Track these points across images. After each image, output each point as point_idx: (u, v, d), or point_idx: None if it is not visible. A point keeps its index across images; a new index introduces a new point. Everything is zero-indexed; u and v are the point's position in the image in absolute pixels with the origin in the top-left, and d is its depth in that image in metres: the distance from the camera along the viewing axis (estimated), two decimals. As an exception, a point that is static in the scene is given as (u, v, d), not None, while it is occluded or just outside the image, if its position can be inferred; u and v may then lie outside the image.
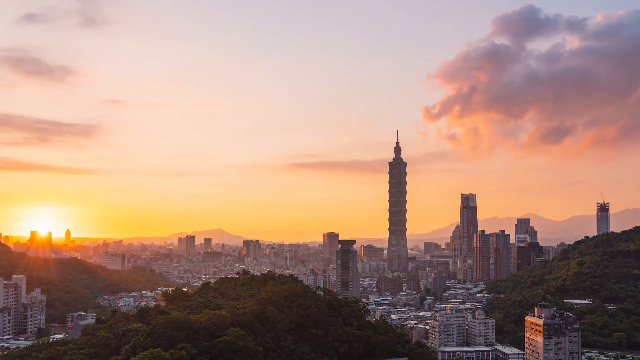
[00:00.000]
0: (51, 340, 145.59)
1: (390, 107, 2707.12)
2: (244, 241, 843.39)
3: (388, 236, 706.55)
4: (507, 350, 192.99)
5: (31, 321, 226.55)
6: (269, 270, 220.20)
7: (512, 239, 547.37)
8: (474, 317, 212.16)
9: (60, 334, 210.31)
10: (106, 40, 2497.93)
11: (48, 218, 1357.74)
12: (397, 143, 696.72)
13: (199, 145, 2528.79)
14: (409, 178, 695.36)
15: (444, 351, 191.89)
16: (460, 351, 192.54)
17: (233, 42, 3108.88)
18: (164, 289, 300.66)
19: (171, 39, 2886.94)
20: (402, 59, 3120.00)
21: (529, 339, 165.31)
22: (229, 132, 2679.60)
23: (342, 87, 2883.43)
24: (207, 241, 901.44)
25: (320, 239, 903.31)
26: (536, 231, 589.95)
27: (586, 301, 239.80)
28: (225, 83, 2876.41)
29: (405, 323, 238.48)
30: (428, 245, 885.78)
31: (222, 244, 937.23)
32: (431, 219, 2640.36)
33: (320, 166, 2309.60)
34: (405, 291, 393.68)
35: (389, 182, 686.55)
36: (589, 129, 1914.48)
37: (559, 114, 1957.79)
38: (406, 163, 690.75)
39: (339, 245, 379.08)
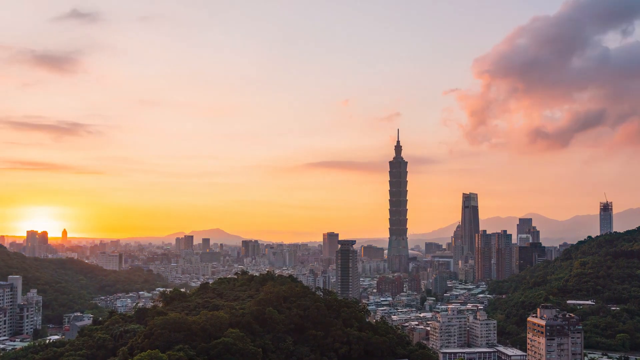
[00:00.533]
0: (47, 341, 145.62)
1: (404, 106, 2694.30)
2: (243, 241, 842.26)
3: (388, 236, 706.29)
4: (509, 351, 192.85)
5: (27, 322, 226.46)
6: (268, 271, 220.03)
7: (514, 239, 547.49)
8: (475, 318, 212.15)
9: (56, 335, 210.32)
10: (144, 39, 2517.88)
11: (45, 217, 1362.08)
12: (398, 142, 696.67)
13: (205, 146, 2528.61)
14: (409, 177, 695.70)
15: (445, 352, 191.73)
16: (461, 352, 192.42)
17: (249, 42, 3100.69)
18: (161, 289, 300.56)
19: (188, 39, 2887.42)
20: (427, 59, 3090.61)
21: (531, 340, 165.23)
22: (233, 133, 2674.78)
23: (356, 86, 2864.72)
24: (206, 241, 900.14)
25: (319, 239, 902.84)
26: (538, 231, 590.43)
27: (589, 302, 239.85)
28: (236, 84, 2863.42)
29: (406, 324, 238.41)
30: (429, 245, 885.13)
31: (221, 244, 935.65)
32: (432, 218, 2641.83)
33: (320, 166, 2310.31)
34: (406, 292, 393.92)
35: (390, 181, 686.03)
36: (616, 127, 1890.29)
37: (592, 109, 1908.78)
38: (407, 162, 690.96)
39: (339, 245, 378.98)
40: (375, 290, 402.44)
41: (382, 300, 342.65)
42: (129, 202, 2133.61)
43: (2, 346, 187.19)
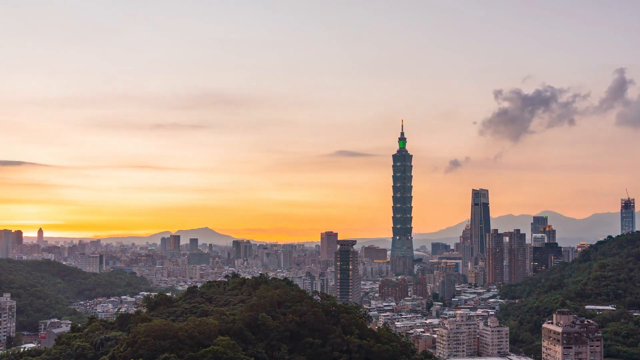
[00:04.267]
0: (22, 350, 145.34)
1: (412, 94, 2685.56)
2: (234, 241, 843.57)
3: (392, 236, 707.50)
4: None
5: (0, 329, 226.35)
6: (261, 273, 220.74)
7: (528, 239, 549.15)
8: (486, 324, 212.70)
9: (32, 343, 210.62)
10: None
11: (19, 215, 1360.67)
12: (402, 134, 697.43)
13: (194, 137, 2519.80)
14: (414, 172, 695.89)
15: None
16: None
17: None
18: (145, 293, 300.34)
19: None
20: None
21: (546, 349, 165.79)
22: (224, 123, 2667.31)
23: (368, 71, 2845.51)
24: (193, 241, 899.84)
25: (317, 239, 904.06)
26: (554, 230, 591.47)
27: (609, 307, 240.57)
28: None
29: (411, 331, 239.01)
30: (436, 246, 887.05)
31: (210, 245, 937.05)
32: (439, 216, 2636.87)
33: (318, 159, 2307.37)
34: (410, 296, 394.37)
35: (393, 176, 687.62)
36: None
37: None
38: (412, 155, 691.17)
39: (338, 246, 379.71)
40: (377, 295, 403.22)
41: (384, 306, 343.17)
42: (110, 198, 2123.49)
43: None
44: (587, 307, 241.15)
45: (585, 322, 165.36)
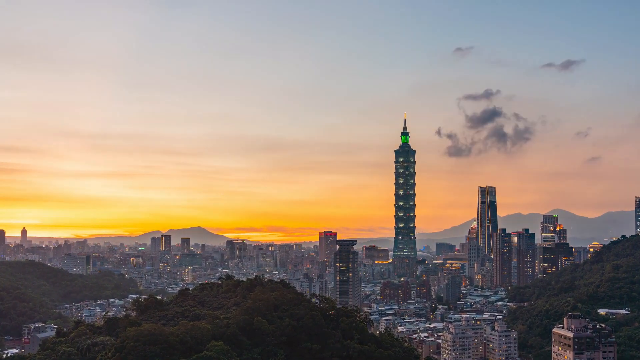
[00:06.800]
0: (4, 356, 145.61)
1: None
2: (228, 241, 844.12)
3: (394, 235, 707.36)
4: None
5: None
6: (256, 275, 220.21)
7: (538, 239, 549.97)
8: (493, 329, 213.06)
9: (15, 348, 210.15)
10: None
11: (2, 214, 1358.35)
12: (405, 128, 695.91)
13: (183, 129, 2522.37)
14: (418, 168, 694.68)
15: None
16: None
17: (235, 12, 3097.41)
18: (135, 296, 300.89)
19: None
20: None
21: (556, 355, 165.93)
22: (216, 114, 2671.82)
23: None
24: (185, 241, 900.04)
25: (315, 239, 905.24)
26: (565, 230, 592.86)
27: (623, 311, 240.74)
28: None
29: (414, 336, 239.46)
30: (440, 246, 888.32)
31: (202, 245, 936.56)
32: (444, 215, 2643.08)
33: (316, 155, 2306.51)
34: (413, 299, 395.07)
35: (395, 172, 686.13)
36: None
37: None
38: (415, 151, 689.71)
39: (337, 246, 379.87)
40: (378, 297, 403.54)
41: (386, 309, 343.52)
42: (99, 197, 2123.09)
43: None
44: (600, 310, 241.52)
45: (598, 327, 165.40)
